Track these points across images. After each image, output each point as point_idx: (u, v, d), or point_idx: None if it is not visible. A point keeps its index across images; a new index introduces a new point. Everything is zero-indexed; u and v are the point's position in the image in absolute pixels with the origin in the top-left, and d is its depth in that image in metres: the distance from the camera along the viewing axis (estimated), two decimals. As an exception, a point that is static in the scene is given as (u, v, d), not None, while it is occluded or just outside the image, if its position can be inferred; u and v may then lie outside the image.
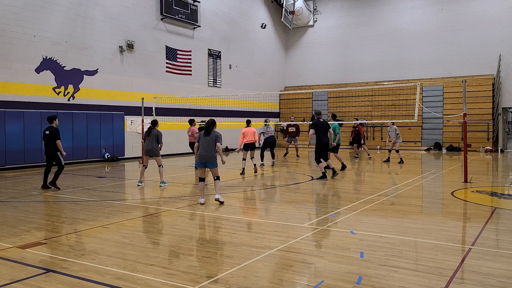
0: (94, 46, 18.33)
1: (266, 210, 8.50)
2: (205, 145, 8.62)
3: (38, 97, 16.39)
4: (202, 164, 8.68)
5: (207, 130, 8.72)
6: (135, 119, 19.92)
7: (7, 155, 15.27)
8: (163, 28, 21.55)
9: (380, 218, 7.35)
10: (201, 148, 8.68)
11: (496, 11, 23.87)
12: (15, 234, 6.41)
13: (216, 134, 8.73)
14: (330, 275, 4.57)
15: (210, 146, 8.61)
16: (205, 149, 8.60)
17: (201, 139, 8.76)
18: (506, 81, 23.70)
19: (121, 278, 4.53)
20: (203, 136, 8.74)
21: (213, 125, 8.77)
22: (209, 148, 8.60)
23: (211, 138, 8.63)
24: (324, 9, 29.53)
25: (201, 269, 4.81)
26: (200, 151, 8.67)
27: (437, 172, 14.08)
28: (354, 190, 10.74)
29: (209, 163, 8.65)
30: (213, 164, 8.66)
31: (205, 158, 8.61)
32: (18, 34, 15.74)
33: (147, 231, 6.60)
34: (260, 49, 28.45)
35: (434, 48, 25.57)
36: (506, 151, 23.22)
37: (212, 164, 8.65)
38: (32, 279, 4.54)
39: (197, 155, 8.77)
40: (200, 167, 8.78)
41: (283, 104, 30.14)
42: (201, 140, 8.73)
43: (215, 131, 8.77)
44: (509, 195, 9.85)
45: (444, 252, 5.35)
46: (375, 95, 25.78)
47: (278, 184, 11.86)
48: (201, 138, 8.77)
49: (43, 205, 8.86)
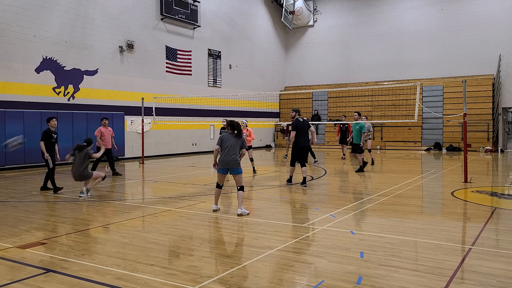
0: (94, 46, 18.33)
1: (266, 210, 8.50)
2: (232, 149, 7.81)
3: (38, 97, 16.38)
4: (226, 170, 7.85)
5: (239, 131, 7.93)
6: (135, 119, 19.92)
7: (7, 155, 15.26)
8: (163, 28, 21.55)
9: (380, 218, 7.35)
10: (229, 151, 7.79)
11: (496, 11, 23.88)
12: (15, 234, 6.41)
13: (242, 137, 7.97)
14: (330, 275, 4.57)
15: (236, 150, 7.85)
16: (231, 153, 7.79)
17: (226, 141, 7.86)
18: (506, 81, 23.70)
19: (121, 278, 4.54)
20: (230, 138, 7.87)
21: (239, 126, 7.99)
22: (234, 152, 7.81)
23: (238, 141, 7.89)
24: (324, 9, 29.53)
25: (201, 269, 4.81)
26: (224, 156, 7.78)
27: (437, 172, 14.08)
28: (354, 190, 10.74)
29: (233, 168, 7.85)
30: (239, 170, 7.88)
31: (228, 164, 7.79)
32: (18, 34, 15.74)
33: (147, 231, 6.60)
34: (260, 49, 28.45)
35: (434, 48, 25.57)
36: (506, 151, 23.22)
37: (237, 170, 7.87)
38: (32, 279, 4.54)
39: (219, 161, 7.85)
40: (223, 173, 7.91)
41: (283, 104, 30.13)
42: (227, 143, 7.83)
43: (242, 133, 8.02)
44: (509, 195, 9.85)
45: (444, 252, 5.35)
46: (375, 95, 25.78)
47: (278, 184, 11.85)
48: (225, 140, 7.87)
49: (43, 205, 8.85)
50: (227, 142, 7.84)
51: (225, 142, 7.86)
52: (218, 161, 7.92)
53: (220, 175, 7.91)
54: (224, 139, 7.91)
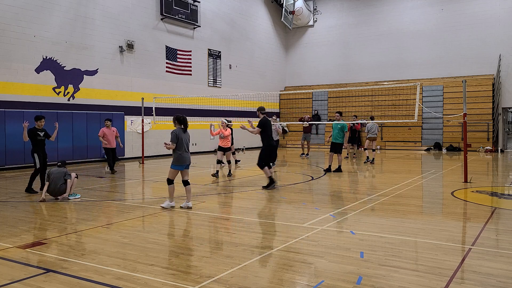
0: (94, 46, 18.33)
1: (266, 210, 8.49)
2: (187, 144, 8.03)
3: (38, 97, 16.38)
4: (182, 166, 8.05)
5: (185, 125, 8.04)
6: (135, 119, 19.92)
7: (7, 155, 15.27)
8: (163, 28, 21.55)
9: (380, 218, 7.35)
10: (184, 148, 7.95)
11: (496, 11, 23.87)
12: (15, 234, 6.41)
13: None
14: (330, 275, 4.57)
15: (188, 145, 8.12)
16: (188, 149, 8.05)
17: (182, 137, 7.93)
18: (506, 81, 23.70)
19: (121, 278, 4.53)
20: (184, 134, 7.98)
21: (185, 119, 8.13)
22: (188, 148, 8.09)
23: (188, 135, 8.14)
24: (324, 9, 29.53)
25: (201, 269, 4.81)
26: (185, 152, 7.96)
27: (437, 172, 14.08)
28: (354, 190, 10.74)
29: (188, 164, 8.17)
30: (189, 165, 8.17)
31: (187, 160, 8.06)
32: (18, 34, 15.74)
33: (147, 231, 6.60)
34: (260, 49, 28.45)
35: (434, 48, 25.57)
36: (506, 151, 23.22)
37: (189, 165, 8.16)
38: (32, 279, 4.54)
39: (179, 157, 7.96)
40: (182, 170, 8.10)
41: (283, 104, 30.13)
42: (183, 139, 7.93)
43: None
44: (509, 195, 9.85)
45: (444, 252, 5.35)
46: (375, 95, 25.77)
47: (278, 184, 11.85)
48: (181, 136, 7.93)
49: (43, 205, 8.85)
50: (182, 138, 7.91)
51: (180, 139, 7.90)
52: (177, 158, 7.96)
53: (176, 171, 8.05)
54: (179, 135, 7.91)
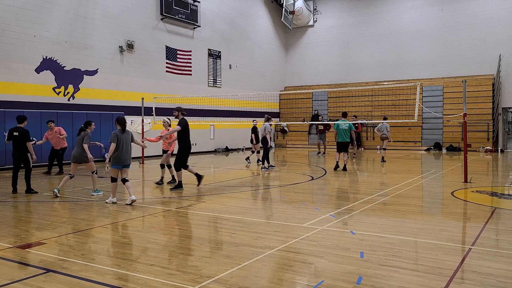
0: (94, 46, 18.33)
1: (266, 210, 8.50)
2: (126, 146, 8.59)
3: (38, 97, 16.38)
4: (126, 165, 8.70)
5: (123, 126, 8.61)
6: (135, 119, 19.92)
7: (7, 155, 15.24)
8: (163, 28, 21.55)
9: (380, 218, 7.35)
10: (124, 148, 8.50)
11: (496, 11, 23.87)
12: (15, 234, 6.41)
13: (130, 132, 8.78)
14: (330, 275, 4.57)
15: (130, 146, 8.70)
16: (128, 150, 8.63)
17: (121, 138, 8.49)
18: (506, 81, 23.70)
19: (121, 278, 4.54)
20: (122, 134, 8.54)
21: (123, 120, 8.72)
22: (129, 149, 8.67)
23: (128, 136, 8.67)
24: (324, 9, 29.53)
25: (201, 269, 4.81)
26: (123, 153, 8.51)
27: (437, 172, 14.08)
28: (354, 190, 10.74)
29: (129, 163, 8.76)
30: (129, 165, 8.77)
31: (125, 160, 8.62)
32: (18, 34, 15.74)
33: (147, 231, 6.60)
34: (260, 49, 28.45)
35: (434, 48, 25.57)
36: (506, 151, 23.22)
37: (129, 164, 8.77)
38: (32, 279, 4.54)
39: (117, 157, 8.51)
40: (121, 168, 8.68)
41: (283, 104, 30.13)
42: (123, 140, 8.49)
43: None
44: (509, 195, 9.85)
45: (444, 252, 5.35)
46: (375, 95, 25.78)
47: (278, 184, 11.85)
48: (120, 137, 8.49)
49: (43, 205, 8.85)
50: (121, 139, 8.40)
51: (119, 140, 8.39)
52: (115, 158, 8.46)
53: (116, 170, 8.65)
54: (118, 137, 8.43)
